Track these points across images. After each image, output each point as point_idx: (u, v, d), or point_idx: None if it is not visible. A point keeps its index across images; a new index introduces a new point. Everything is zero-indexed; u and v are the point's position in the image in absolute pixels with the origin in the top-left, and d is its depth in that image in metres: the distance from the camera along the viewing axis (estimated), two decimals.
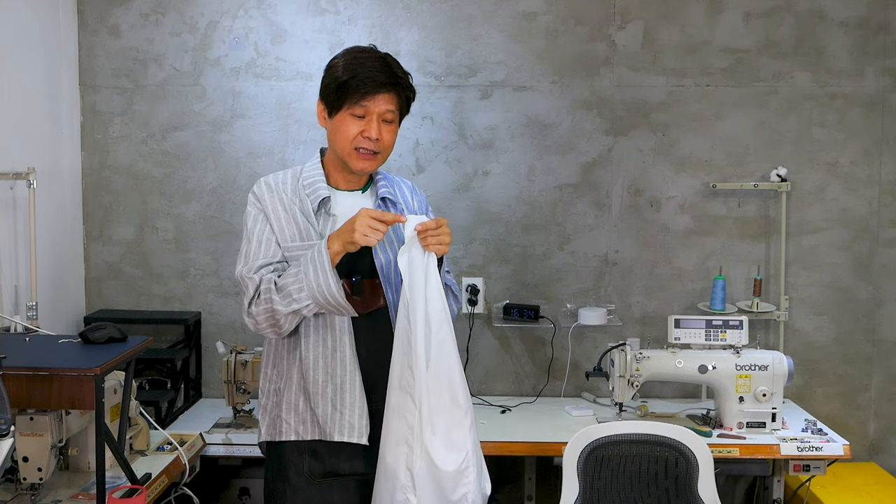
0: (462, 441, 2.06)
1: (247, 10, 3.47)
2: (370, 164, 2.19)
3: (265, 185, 2.26)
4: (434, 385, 2.04)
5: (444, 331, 2.08)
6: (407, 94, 2.20)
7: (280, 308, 2.07)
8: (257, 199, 2.24)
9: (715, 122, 3.50)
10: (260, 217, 2.21)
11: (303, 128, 3.49)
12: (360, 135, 2.14)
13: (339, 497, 2.17)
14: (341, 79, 2.13)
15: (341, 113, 2.15)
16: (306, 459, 2.17)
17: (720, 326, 3.10)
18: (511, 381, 3.57)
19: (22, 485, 2.30)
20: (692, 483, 2.51)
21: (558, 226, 3.54)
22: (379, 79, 2.12)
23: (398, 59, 2.21)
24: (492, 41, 3.48)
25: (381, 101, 2.14)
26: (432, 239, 2.07)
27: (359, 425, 2.13)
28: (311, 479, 2.16)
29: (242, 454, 3.01)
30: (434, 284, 2.07)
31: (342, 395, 2.14)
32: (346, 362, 2.14)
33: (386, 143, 2.18)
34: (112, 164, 3.51)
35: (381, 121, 2.15)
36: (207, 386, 3.56)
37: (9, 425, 1.76)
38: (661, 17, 3.47)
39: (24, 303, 2.97)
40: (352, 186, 2.27)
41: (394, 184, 2.33)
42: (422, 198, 2.40)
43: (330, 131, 2.21)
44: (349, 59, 2.16)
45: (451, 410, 2.06)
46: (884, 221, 3.52)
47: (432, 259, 2.09)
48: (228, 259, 3.53)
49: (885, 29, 3.46)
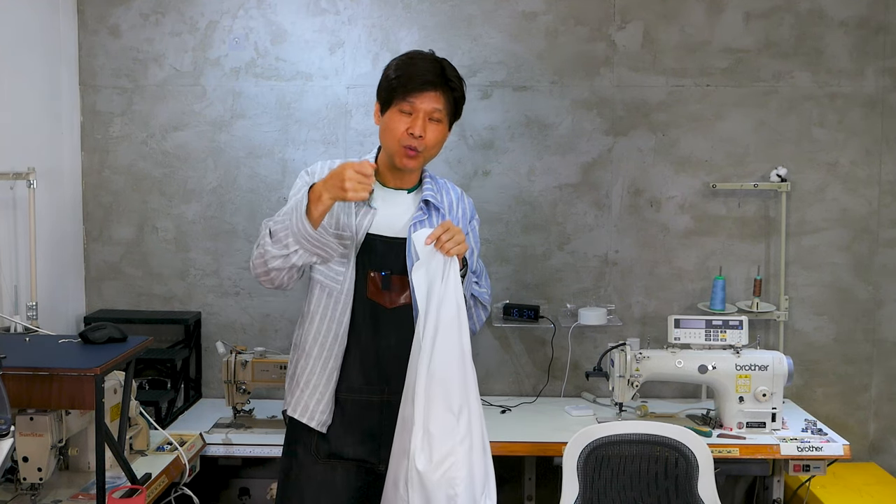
0: (450, 448, 2.00)
1: (247, 10, 3.47)
2: (414, 164, 2.23)
3: (320, 165, 2.32)
4: (432, 393, 2.02)
5: (452, 338, 2.06)
6: (455, 95, 2.22)
7: (270, 249, 2.12)
8: (308, 174, 2.30)
9: (715, 122, 3.50)
10: (304, 189, 2.22)
11: (303, 128, 3.49)
12: (406, 132, 2.18)
13: (340, 479, 2.25)
14: (392, 76, 2.20)
15: (391, 110, 2.21)
16: (315, 438, 2.25)
17: (720, 326, 3.10)
18: (511, 381, 3.57)
19: (22, 485, 2.30)
20: (692, 483, 2.51)
21: (558, 226, 3.54)
22: (427, 77, 2.17)
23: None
24: (492, 41, 3.48)
25: (428, 100, 2.18)
26: (448, 244, 2.09)
27: (314, 410, 2.23)
28: (316, 458, 2.25)
29: (242, 454, 3.02)
30: (452, 291, 2.07)
31: (309, 376, 2.24)
32: (325, 345, 2.22)
33: (430, 142, 2.21)
34: (112, 164, 3.52)
35: (429, 119, 2.19)
36: (207, 386, 3.56)
37: (9, 425, 1.76)
38: (661, 17, 3.47)
39: (24, 303, 2.97)
40: (399, 185, 2.31)
41: (441, 189, 2.36)
42: (468, 205, 2.42)
43: (381, 128, 2.26)
44: (404, 59, 2.23)
45: (443, 417, 2.02)
46: (884, 221, 3.52)
47: (454, 264, 2.09)
48: (228, 259, 3.53)
49: (885, 29, 3.46)
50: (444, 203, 2.34)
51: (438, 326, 2.04)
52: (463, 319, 2.07)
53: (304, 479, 2.25)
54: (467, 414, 2.04)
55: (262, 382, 3.10)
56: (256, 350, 3.14)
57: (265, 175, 3.51)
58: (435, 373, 2.02)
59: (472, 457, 2.03)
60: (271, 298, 3.54)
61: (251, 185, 3.52)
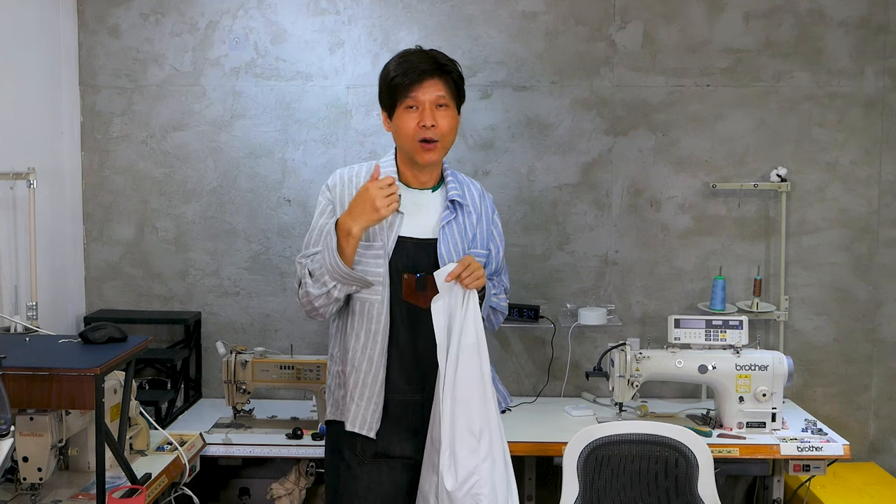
0: (473, 467, 2.13)
1: (247, 10, 3.47)
2: (434, 155, 2.26)
3: (339, 176, 2.34)
4: (456, 417, 2.15)
5: (473, 365, 2.18)
6: (454, 77, 2.26)
7: (312, 290, 2.20)
8: (329, 189, 2.33)
9: (715, 122, 3.50)
10: (328, 209, 2.31)
11: (303, 128, 3.49)
12: (418, 126, 2.21)
13: (387, 478, 2.30)
14: (390, 77, 2.23)
15: (398, 111, 2.24)
16: (359, 439, 2.28)
17: (720, 326, 3.10)
18: (511, 381, 3.57)
19: (22, 485, 2.30)
20: (692, 483, 2.51)
21: (558, 226, 3.54)
22: (422, 67, 2.21)
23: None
24: (492, 41, 3.48)
25: (428, 89, 2.21)
26: (468, 280, 2.18)
27: (370, 420, 2.26)
28: (362, 459, 2.29)
29: (242, 454, 3.01)
30: (472, 320, 2.19)
31: (362, 389, 2.26)
32: (373, 359, 2.26)
33: (443, 129, 2.24)
34: (112, 164, 3.51)
35: (436, 107, 2.22)
36: (207, 386, 3.56)
37: (9, 425, 1.77)
38: (661, 17, 3.47)
39: (24, 303, 2.97)
40: (422, 185, 2.34)
41: (463, 185, 2.40)
42: (490, 200, 2.47)
43: (394, 134, 2.29)
44: (396, 59, 2.27)
45: (466, 438, 2.15)
46: (884, 221, 3.52)
47: (474, 296, 2.21)
48: (228, 259, 3.53)
49: (885, 29, 3.46)
50: (469, 200, 2.38)
51: (460, 355, 2.17)
52: (482, 346, 2.21)
53: (353, 480, 2.30)
54: (489, 435, 2.18)
55: (262, 382, 3.10)
56: (256, 350, 3.14)
57: (265, 175, 3.51)
58: (458, 398, 2.16)
59: (494, 474, 2.17)
60: (271, 298, 3.54)
61: (251, 185, 3.52)
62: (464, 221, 2.34)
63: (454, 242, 2.29)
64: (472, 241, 2.34)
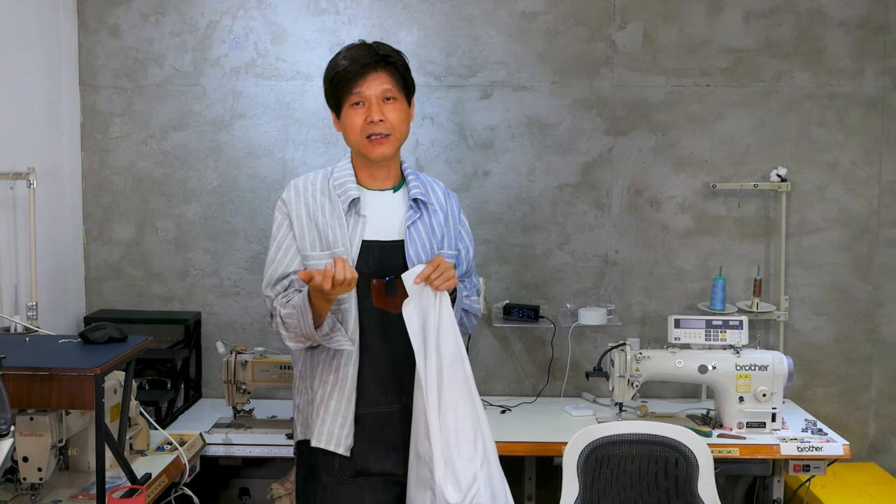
0: (472, 475, 2.06)
1: (247, 10, 3.47)
2: (385, 148, 2.17)
3: (293, 188, 2.25)
4: (447, 426, 2.07)
5: (457, 369, 2.09)
6: (398, 67, 2.18)
7: (289, 343, 2.16)
8: (284, 203, 2.24)
9: (715, 122, 3.50)
10: (285, 223, 2.22)
11: (303, 128, 3.49)
12: (365, 122, 2.15)
13: (368, 497, 2.18)
14: (332, 76, 2.17)
15: (344, 109, 2.18)
16: (337, 459, 2.17)
17: (720, 326, 3.10)
18: (511, 381, 3.57)
19: (22, 485, 2.30)
20: (692, 483, 2.51)
21: (558, 226, 3.54)
22: (363, 60, 2.14)
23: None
24: (492, 41, 3.48)
25: (372, 82, 2.14)
26: (438, 281, 2.08)
27: (338, 434, 2.16)
28: (341, 479, 2.17)
29: (242, 454, 3.01)
30: (447, 323, 2.10)
31: (328, 404, 2.17)
32: (339, 371, 2.16)
33: (393, 122, 2.16)
34: (112, 164, 3.51)
35: (382, 101, 2.15)
36: (207, 386, 3.56)
37: (9, 425, 1.76)
38: (661, 17, 3.47)
39: (24, 303, 2.97)
40: (381, 185, 2.25)
41: (426, 184, 2.31)
42: (455, 200, 2.39)
43: (343, 132, 2.22)
44: (337, 56, 2.20)
45: (462, 447, 2.07)
46: (884, 221, 3.52)
47: (445, 298, 2.11)
48: (228, 259, 3.53)
49: (885, 29, 3.46)
50: (433, 199, 2.29)
51: (442, 361, 2.08)
52: (462, 349, 2.12)
53: (332, 502, 2.17)
54: (482, 439, 2.11)
55: (262, 382, 3.09)
56: (256, 350, 3.14)
57: (265, 175, 3.51)
58: (448, 406, 2.07)
59: (491, 479, 2.10)
60: None
61: (251, 185, 3.52)
62: (430, 221, 2.24)
63: (422, 243, 2.20)
64: (440, 241, 2.25)
